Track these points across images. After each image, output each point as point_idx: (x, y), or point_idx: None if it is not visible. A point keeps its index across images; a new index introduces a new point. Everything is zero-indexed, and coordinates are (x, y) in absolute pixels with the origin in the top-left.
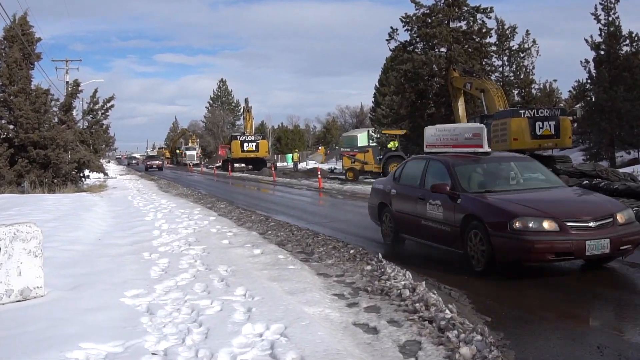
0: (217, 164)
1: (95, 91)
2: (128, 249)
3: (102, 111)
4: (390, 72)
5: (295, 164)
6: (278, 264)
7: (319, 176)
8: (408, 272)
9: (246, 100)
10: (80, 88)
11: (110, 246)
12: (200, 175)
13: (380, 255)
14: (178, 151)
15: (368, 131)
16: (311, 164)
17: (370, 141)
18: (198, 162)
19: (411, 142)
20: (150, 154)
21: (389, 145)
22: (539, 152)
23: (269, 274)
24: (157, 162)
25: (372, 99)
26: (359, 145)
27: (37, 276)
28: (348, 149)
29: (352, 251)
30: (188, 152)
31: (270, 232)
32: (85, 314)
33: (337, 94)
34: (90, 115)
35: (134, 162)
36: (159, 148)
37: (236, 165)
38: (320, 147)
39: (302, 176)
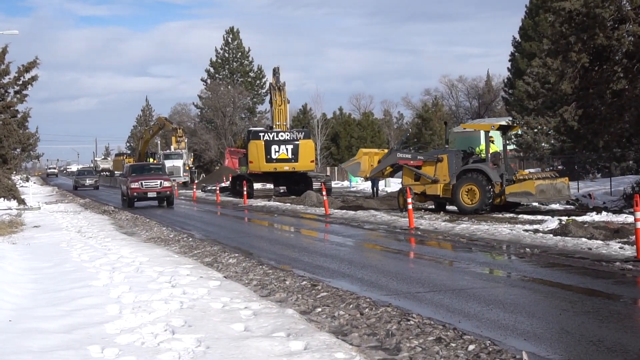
0: (223, 184)
1: (4, 52)
2: (62, 338)
3: (16, 88)
4: (541, 14)
5: (374, 183)
6: None
7: (410, 207)
8: None
9: (275, 71)
10: None
11: (31, 334)
12: (192, 203)
13: (525, 356)
14: (151, 159)
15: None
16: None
17: (512, 141)
18: (187, 179)
19: (579, 142)
20: (99, 165)
21: (477, 150)
22: None
23: None
24: (90, 179)
25: (509, 65)
26: (481, 146)
27: None
28: (409, 156)
29: (471, 347)
30: (169, 163)
31: (320, 309)
32: None
33: (442, 54)
34: None
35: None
36: (118, 154)
37: (257, 185)
38: (361, 149)
39: (379, 204)
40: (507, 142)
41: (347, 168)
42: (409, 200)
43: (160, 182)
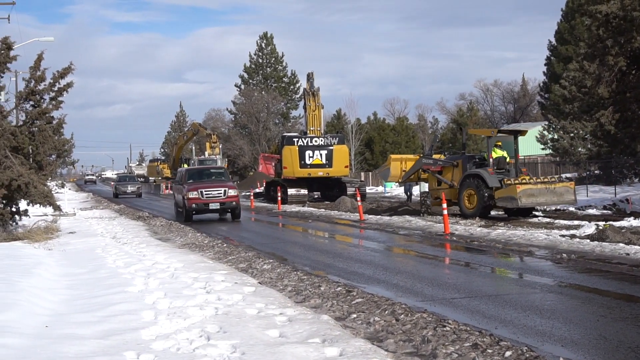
0: (257, 189)
1: (40, 58)
2: (98, 344)
3: (51, 94)
4: (577, 17)
5: (408, 188)
6: None
7: (445, 212)
8: None
9: (309, 76)
10: (11, 53)
11: (67, 339)
12: None
13: None
14: (185, 165)
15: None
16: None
17: (548, 146)
18: None
19: (616, 146)
20: (133, 171)
21: (494, 155)
22: None
23: None
24: (132, 186)
25: (545, 69)
26: (513, 153)
27: None
28: (431, 162)
29: (508, 353)
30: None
31: (355, 315)
32: None
33: (478, 59)
34: (30, 103)
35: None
36: (152, 160)
37: (291, 191)
38: (391, 155)
39: (415, 210)
40: (515, 146)
41: (380, 174)
42: (444, 205)
43: (225, 191)
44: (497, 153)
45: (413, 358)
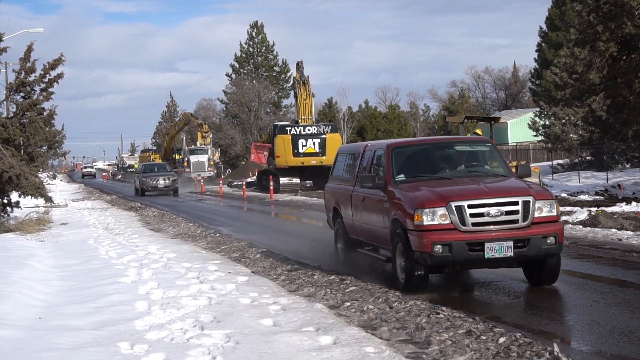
0: (249, 179)
1: (29, 50)
2: (92, 335)
3: (42, 86)
4: (568, 3)
5: None
6: None
7: None
8: None
9: (299, 65)
10: (1, 44)
11: (60, 331)
12: (218, 199)
13: (556, 347)
14: (177, 156)
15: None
16: None
17: (540, 133)
18: (212, 173)
19: (608, 132)
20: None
21: None
22: None
23: None
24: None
25: (536, 55)
26: (510, 141)
27: None
28: None
29: (502, 339)
30: (194, 158)
31: (349, 303)
32: None
33: (470, 46)
34: (21, 94)
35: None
36: (144, 151)
37: (284, 180)
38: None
39: None
40: (492, 133)
41: None
42: None
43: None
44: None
45: (407, 345)
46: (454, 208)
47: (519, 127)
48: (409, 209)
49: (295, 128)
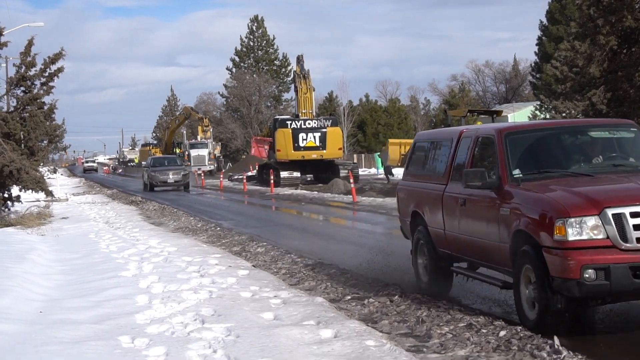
0: (249, 173)
1: (30, 44)
2: (93, 329)
3: (42, 80)
4: None
5: (388, 169)
6: (366, 359)
7: None
8: None
9: (299, 59)
10: (1, 39)
11: (61, 325)
12: (218, 193)
13: (557, 341)
14: (177, 150)
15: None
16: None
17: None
18: (212, 167)
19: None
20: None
21: None
22: None
23: None
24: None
25: (536, 49)
26: None
27: None
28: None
29: (502, 332)
30: (194, 152)
31: (349, 297)
32: None
33: (471, 39)
34: (21, 88)
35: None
36: (144, 145)
37: (284, 174)
38: (390, 140)
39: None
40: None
41: (383, 158)
42: None
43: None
44: None
45: (408, 339)
46: (610, 217)
47: (520, 121)
48: (546, 217)
49: (296, 122)
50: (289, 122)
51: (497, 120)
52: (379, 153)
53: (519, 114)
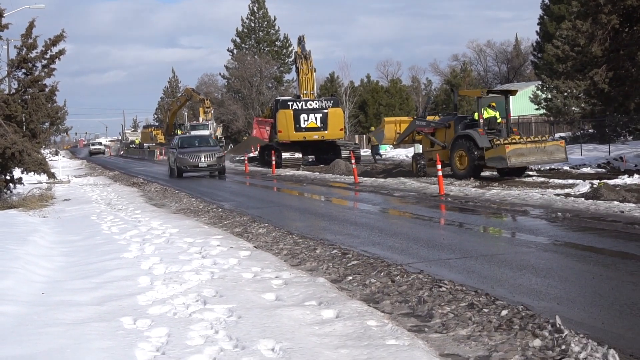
0: (251, 154)
1: (31, 26)
2: (94, 310)
3: (44, 62)
4: None
5: (375, 148)
6: (368, 339)
7: (439, 173)
8: (614, 353)
9: (300, 39)
10: (2, 21)
11: (63, 306)
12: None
13: (558, 320)
14: (178, 131)
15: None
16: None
17: (542, 106)
18: None
19: (610, 104)
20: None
21: (485, 115)
22: None
23: None
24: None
25: (538, 28)
26: (504, 113)
27: None
28: (424, 124)
29: (504, 312)
30: (196, 133)
31: (351, 277)
32: None
33: (472, 19)
34: (22, 70)
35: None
36: (146, 126)
37: (286, 155)
38: (385, 118)
39: (400, 172)
40: (506, 106)
41: (375, 136)
42: (439, 167)
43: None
44: (489, 113)
45: (409, 319)
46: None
47: (521, 101)
48: None
49: (297, 103)
50: (290, 103)
51: (508, 100)
52: (371, 132)
53: (521, 94)
